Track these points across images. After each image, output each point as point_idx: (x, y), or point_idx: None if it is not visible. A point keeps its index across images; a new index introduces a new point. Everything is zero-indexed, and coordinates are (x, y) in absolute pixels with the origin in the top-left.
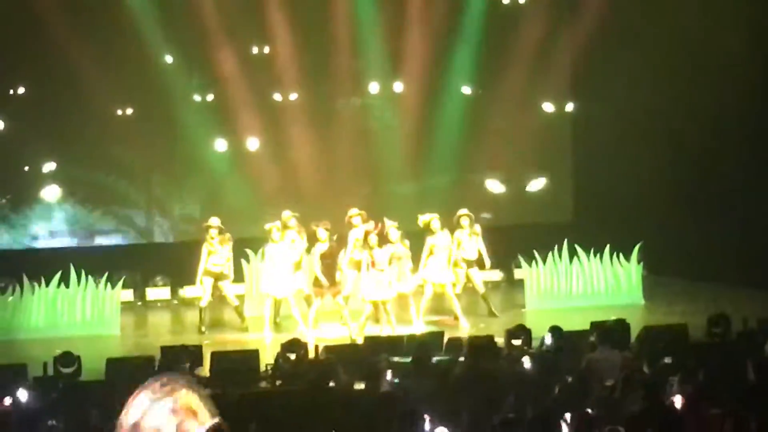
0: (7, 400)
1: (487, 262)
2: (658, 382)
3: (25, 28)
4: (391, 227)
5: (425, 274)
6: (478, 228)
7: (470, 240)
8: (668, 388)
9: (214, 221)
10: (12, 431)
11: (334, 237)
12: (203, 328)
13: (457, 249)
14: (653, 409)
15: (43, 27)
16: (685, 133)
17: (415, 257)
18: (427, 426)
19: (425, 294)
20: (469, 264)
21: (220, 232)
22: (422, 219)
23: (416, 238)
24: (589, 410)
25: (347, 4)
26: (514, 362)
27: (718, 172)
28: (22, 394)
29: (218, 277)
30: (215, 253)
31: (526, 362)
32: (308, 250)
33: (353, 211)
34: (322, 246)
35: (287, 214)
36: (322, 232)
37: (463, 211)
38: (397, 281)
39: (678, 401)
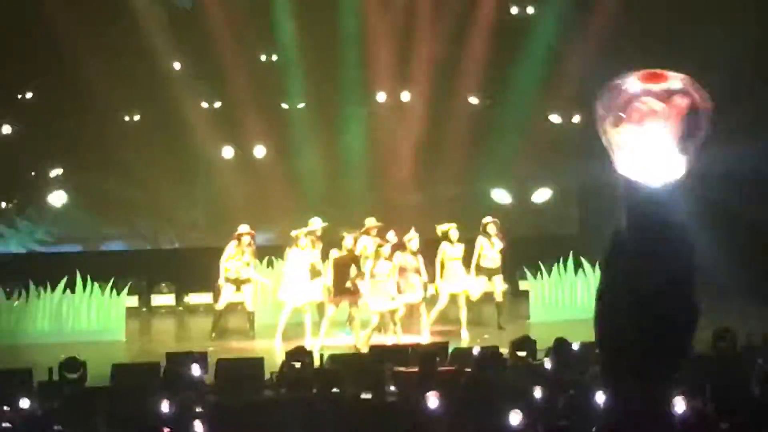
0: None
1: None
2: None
3: (33, 34)
4: (414, 238)
5: (440, 284)
6: (496, 241)
7: (492, 248)
8: (673, 402)
9: (245, 228)
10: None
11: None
12: (214, 334)
13: (478, 257)
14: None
15: (51, 32)
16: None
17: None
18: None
19: (438, 304)
20: (492, 272)
21: (251, 241)
22: (440, 228)
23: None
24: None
25: (355, 13)
26: (518, 374)
27: (725, 185)
28: (24, 403)
29: (238, 283)
30: (237, 258)
31: (530, 374)
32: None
33: (371, 222)
34: (340, 253)
35: (318, 222)
36: (349, 241)
37: (489, 219)
38: (404, 291)
39: (683, 412)
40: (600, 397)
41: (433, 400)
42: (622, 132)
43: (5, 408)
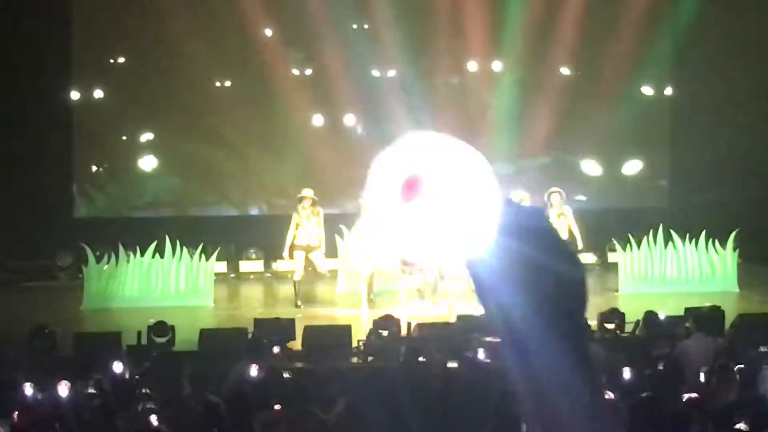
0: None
1: (580, 244)
2: (753, 370)
3: None
4: (526, 198)
5: None
6: (567, 209)
7: (557, 220)
8: (762, 378)
9: (308, 192)
10: (109, 397)
11: None
12: (299, 302)
13: None
14: (748, 398)
15: None
16: None
17: None
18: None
19: None
20: None
21: (313, 204)
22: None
23: None
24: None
25: None
26: (607, 346)
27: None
28: (117, 367)
29: (307, 250)
30: (302, 226)
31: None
32: None
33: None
34: None
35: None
36: None
37: (554, 188)
38: None
39: None
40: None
41: None
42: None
43: (96, 376)
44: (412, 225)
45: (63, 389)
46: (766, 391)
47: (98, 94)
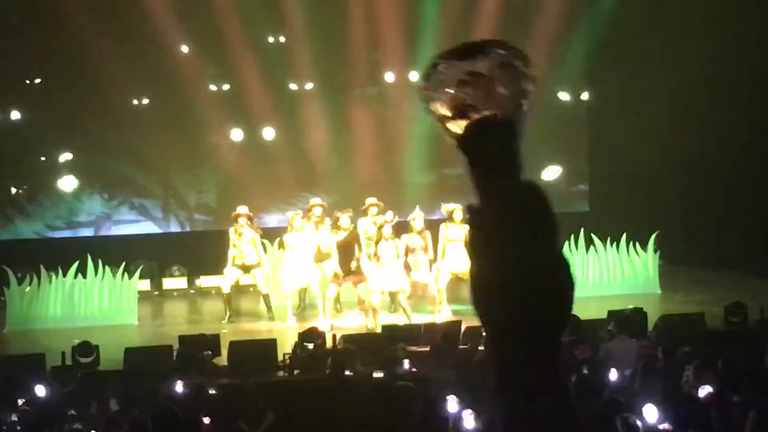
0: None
1: None
2: (676, 371)
3: (41, 19)
4: (418, 217)
5: (443, 265)
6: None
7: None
8: (686, 377)
9: (242, 209)
10: (32, 421)
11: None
12: (228, 316)
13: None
14: (673, 397)
15: (58, 17)
16: (702, 122)
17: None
18: (454, 407)
19: (439, 283)
20: None
21: (249, 220)
22: (446, 207)
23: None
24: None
25: None
26: None
27: (736, 160)
28: (40, 390)
29: (243, 269)
30: (235, 245)
31: None
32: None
33: (370, 201)
34: (341, 234)
35: (317, 201)
36: (345, 220)
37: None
38: (413, 270)
39: (703, 390)
40: (613, 376)
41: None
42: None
43: (20, 400)
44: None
45: None
46: (689, 392)
47: (15, 115)
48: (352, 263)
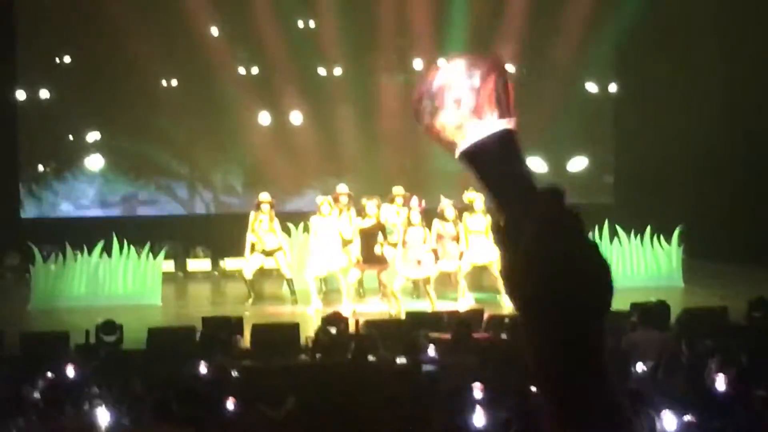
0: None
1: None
2: (699, 363)
3: None
4: (448, 206)
5: (465, 256)
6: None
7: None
8: (708, 370)
9: (264, 196)
10: (55, 398)
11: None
12: (250, 300)
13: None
14: (696, 390)
15: None
16: (728, 115)
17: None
18: (478, 394)
19: (461, 272)
20: None
21: (271, 207)
22: (467, 196)
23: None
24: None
25: None
26: None
27: (761, 155)
28: (69, 371)
29: (267, 253)
30: (254, 230)
31: None
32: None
33: (396, 190)
34: (368, 221)
35: (343, 188)
36: (371, 207)
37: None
38: (441, 259)
39: (721, 382)
40: (638, 367)
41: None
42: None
43: (49, 374)
44: None
45: None
46: (712, 384)
47: (44, 93)
48: (376, 249)
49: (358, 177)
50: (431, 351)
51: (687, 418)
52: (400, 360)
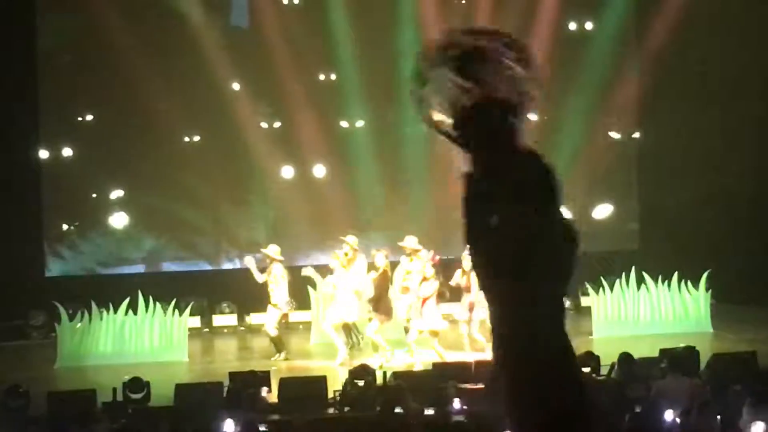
0: None
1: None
2: (732, 409)
3: (93, 56)
4: (468, 257)
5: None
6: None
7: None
8: (743, 415)
9: (270, 250)
10: None
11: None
12: (283, 354)
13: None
14: None
15: (110, 54)
16: (752, 160)
17: None
18: None
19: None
20: None
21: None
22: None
23: None
24: None
25: (413, 29)
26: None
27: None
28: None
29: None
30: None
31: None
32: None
33: (404, 243)
34: (375, 273)
35: (353, 240)
36: (380, 259)
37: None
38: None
39: (758, 428)
40: (668, 415)
41: None
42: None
43: None
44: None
45: None
46: (746, 428)
47: (67, 152)
48: (384, 301)
49: (382, 228)
50: (458, 403)
51: None
52: (429, 411)
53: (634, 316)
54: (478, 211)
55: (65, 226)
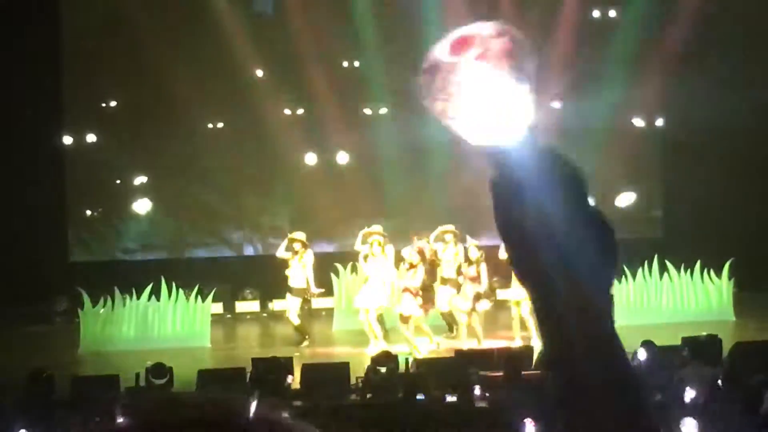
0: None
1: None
2: (754, 397)
3: (117, 42)
4: (472, 246)
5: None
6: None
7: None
8: (765, 404)
9: (297, 235)
10: None
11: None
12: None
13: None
14: (753, 423)
15: (134, 41)
16: None
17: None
18: (530, 430)
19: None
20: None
21: (303, 246)
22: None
23: None
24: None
25: (436, 17)
26: None
27: None
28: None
29: (299, 294)
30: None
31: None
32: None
33: (446, 227)
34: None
35: (379, 228)
36: (416, 245)
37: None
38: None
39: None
40: (688, 396)
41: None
42: (453, 107)
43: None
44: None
45: None
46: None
47: (90, 138)
48: (430, 290)
49: (405, 215)
50: (478, 390)
51: None
52: (450, 398)
53: (656, 305)
54: (512, 206)
55: (89, 212)
